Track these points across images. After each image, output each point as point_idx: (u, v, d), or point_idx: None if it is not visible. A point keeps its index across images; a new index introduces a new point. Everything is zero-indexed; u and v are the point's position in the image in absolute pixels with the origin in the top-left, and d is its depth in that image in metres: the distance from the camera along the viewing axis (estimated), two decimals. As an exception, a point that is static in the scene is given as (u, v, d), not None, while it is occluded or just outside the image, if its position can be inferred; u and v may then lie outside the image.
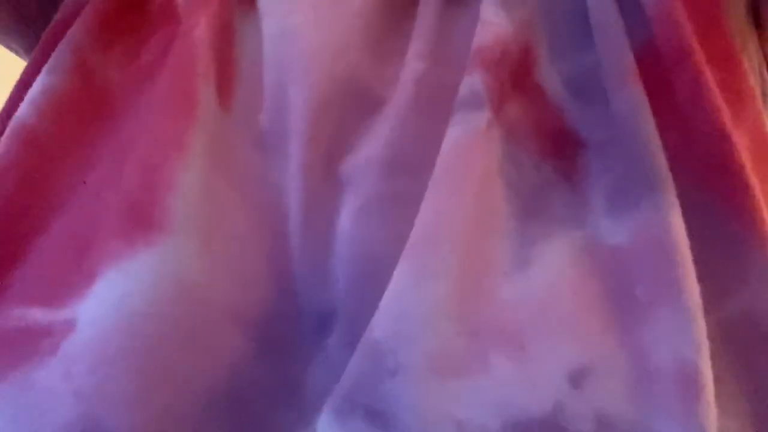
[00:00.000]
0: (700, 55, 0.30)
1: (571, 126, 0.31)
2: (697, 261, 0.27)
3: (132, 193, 0.29)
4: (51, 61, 0.33)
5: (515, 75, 0.32)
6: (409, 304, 0.26)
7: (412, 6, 0.34)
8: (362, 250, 0.29)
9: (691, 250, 0.27)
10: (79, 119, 0.32)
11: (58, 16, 0.36)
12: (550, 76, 0.32)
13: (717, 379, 0.26)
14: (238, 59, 0.33)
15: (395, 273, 0.27)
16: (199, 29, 0.32)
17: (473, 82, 0.30)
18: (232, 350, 0.28)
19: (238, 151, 0.31)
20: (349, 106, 0.32)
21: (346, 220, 0.30)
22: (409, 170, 0.30)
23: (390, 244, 0.28)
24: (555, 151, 0.31)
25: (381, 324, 0.26)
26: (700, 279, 0.27)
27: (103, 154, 0.32)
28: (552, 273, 0.28)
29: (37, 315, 0.28)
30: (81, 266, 0.28)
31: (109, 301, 0.27)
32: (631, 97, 0.30)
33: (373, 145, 0.31)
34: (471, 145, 0.29)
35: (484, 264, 0.28)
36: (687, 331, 0.26)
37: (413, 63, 0.32)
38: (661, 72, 0.30)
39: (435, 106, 0.31)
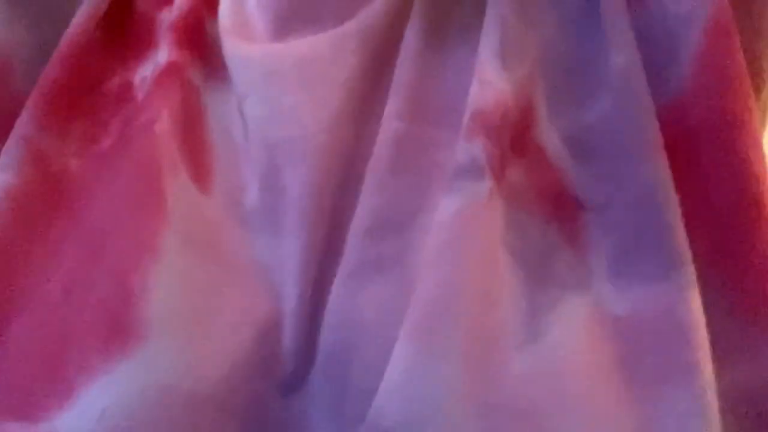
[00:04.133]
0: (742, 126, 0.29)
1: (570, 187, 0.31)
2: None
3: (105, 302, 0.28)
4: (3, 157, 0.32)
5: (516, 137, 0.31)
6: (416, 388, 0.26)
7: (390, 61, 0.33)
8: (344, 317, 0.28)
9: None
10: (39, 215, 0.31)
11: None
12: (548, 135, 0.31)
13: None
14: (211, 139, 0.33)
15: (396, 353, 0.26)
16: (161, 123, 0.32)
17: (473, 149, 0.30)
18: None
19: (223, 232, 0.31)
20: (344, 179, 0.31)
21: (334, 290, 0.29)
22: (392, 233, 0.30)
23: (374, 309, 0.28)
24: (557, 213, 0.30)
25: (388, 411, 0.26)
26: None
27: (68, 250, 0.31)
28: (563, 344, 0.27)
29: (13, 428, 0.27)
30: (56, 377, 0.27)
31: (89, 415, 0.26)
32: (655, 172, 0.29)
33: (358, 212, 0.30)
34: (473, 216, 0.29)
35: (493, 338, 0.27)
36: (699, 416, 0.26)
37: (391, 122, 0.31)
38: (685, 136, 0.30)
39: (415, 165, 0.31)
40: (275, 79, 0.33)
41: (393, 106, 0.32)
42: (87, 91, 0.34)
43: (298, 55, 0.33)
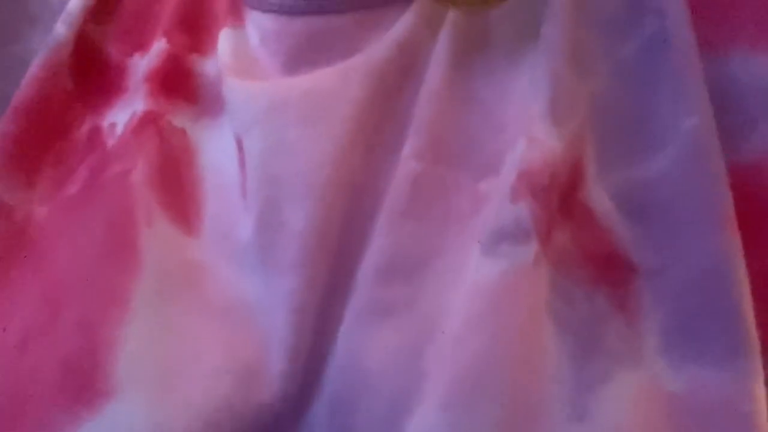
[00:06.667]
0: None
1: (621, 249, 0.28)
2: None
3: (70, 356, 0.27)
4: None
5: (563, 198, 0.29)
6: None
7: (404, 95, 0.31)
8: (351, 361, 0.26)
9: None
10: (1, 263, 0.30)
11: None
12: (597, 194, 0.29)
13: None
14: (202, 177, 0.32)
15: (425, 422, 0.24)
16: (137, 173, 0.31)
17: (519, 210, 0.27)
18: None
19: (209, 274, 0.30)
20: (352, 215, 0.29)
21: (341, 333, 0.27)
22: (403, 277, 0.28)
23: (382, 356, 0.26)
24: (607, 277, 0.28)
25: None
26: None
27: (28, 298, 0.29)
28: (613, 424, 0.25)
29: None
30: None
31: None
32: (725, 244, 0.26)
33: (369, 253, 0.29)
34: (517, 282, 0.26)
35: (533, 415, 0.24)
36: None
37: (410, 162, 0.30)
38: (761, 200, 0.28)
39: (433, 208, 0.29)
40: (279, 113, 0.31)
41: (413, 145, 0.30)
42: (53, 140, 0.34)
43: (302, 89, 0.31)
